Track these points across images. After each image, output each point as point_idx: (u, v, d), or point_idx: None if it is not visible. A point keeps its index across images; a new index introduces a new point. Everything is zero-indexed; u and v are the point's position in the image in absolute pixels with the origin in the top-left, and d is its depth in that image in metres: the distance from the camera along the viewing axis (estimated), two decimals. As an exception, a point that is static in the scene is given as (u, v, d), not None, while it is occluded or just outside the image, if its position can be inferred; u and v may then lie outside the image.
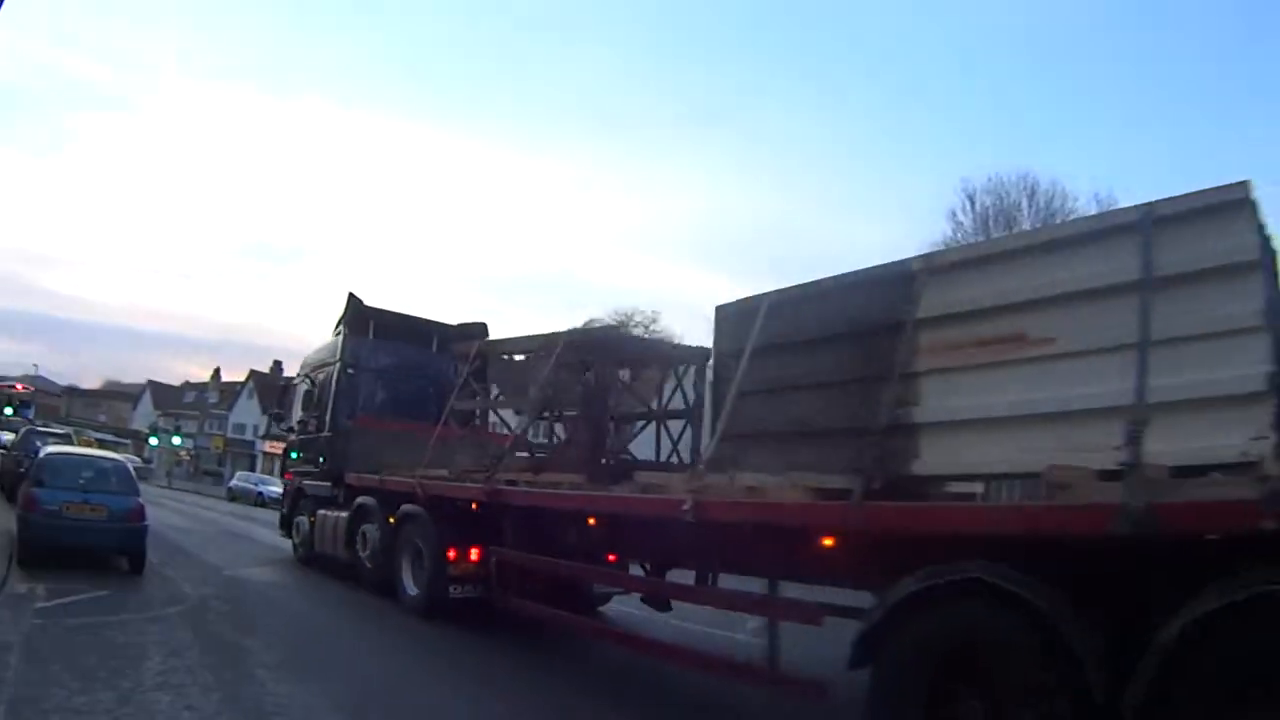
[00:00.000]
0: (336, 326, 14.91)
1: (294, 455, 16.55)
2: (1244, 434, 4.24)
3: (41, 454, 14.07)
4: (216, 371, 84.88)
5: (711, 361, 9.00)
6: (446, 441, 11.47)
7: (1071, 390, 4.96)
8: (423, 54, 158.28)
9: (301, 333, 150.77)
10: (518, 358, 11.62)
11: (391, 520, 11.72)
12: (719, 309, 7.50)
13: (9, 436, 27.29)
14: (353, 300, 14.53)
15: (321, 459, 14.61)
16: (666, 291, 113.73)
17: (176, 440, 62.30)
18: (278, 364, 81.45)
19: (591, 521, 8.68)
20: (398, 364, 14.70)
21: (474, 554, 10.31)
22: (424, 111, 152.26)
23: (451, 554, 10.42)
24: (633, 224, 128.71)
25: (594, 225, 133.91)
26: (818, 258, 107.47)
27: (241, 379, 79.14)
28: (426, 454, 11.28)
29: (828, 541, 6.02)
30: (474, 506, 10.20)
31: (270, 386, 74.74)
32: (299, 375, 16.70)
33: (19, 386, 49.08)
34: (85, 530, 11.99)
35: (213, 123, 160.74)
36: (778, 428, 6.67)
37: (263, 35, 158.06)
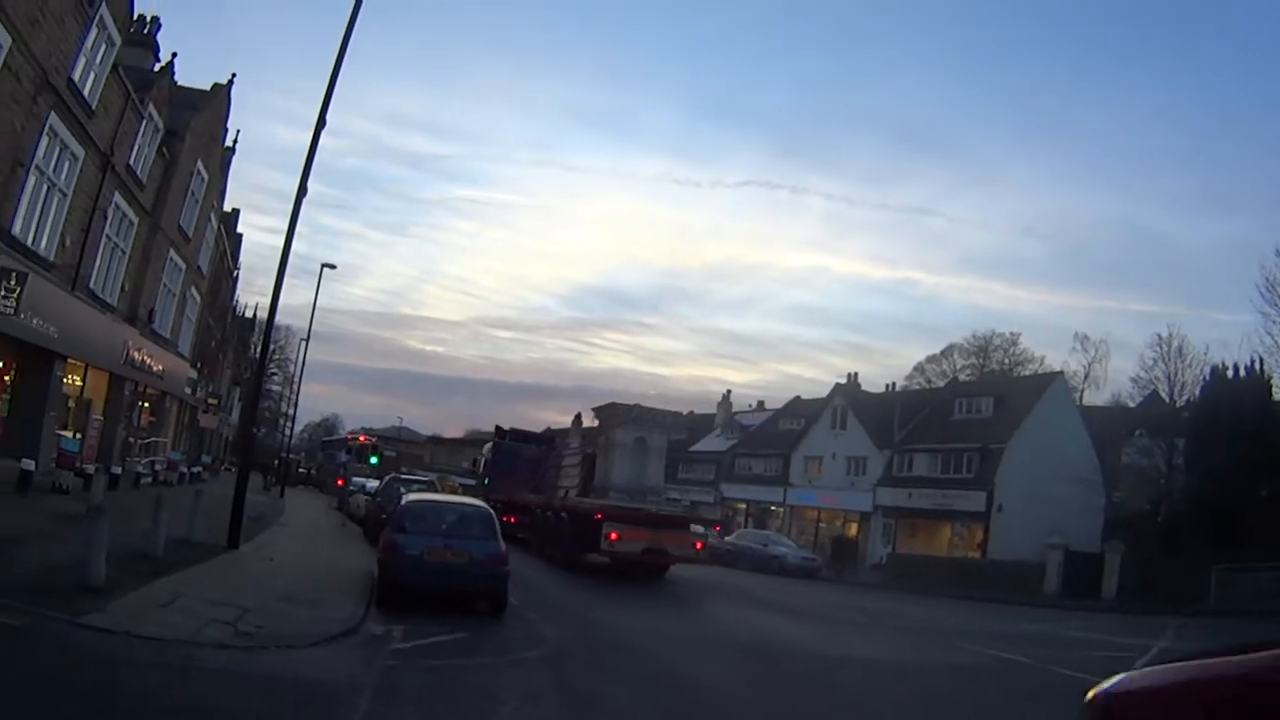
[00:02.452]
0: (495, 435, 35.09)
1: (484, 483, 32.58)
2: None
3: (403, 501, 14.73)
4: (577, 417, 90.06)
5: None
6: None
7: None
8: (741, 95, 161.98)
9: (659, 376, 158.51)
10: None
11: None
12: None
13: (373, 484, 30.09)
14: (498, 428, 35.12)
15: (487, 488, 30.89)
16: (1023, 310, 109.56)
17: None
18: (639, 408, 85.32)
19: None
20: (516, 453, 32.00)
21: (513, 519, 25.71)
22: (754, 162, 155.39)
23: (510, 519, 25.12)
24: (977, 245, 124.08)
25: (940, 252, 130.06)
26: (1166, 255, 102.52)
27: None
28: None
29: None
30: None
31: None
32: (482, 453, 36.48)
33: (363, 439, 55.18)
34: (446, 575, 12.32)
35: (557, 183, 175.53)
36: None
37: (602, 96, 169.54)
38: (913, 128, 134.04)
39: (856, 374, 59.00)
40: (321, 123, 16.08)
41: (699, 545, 22.34)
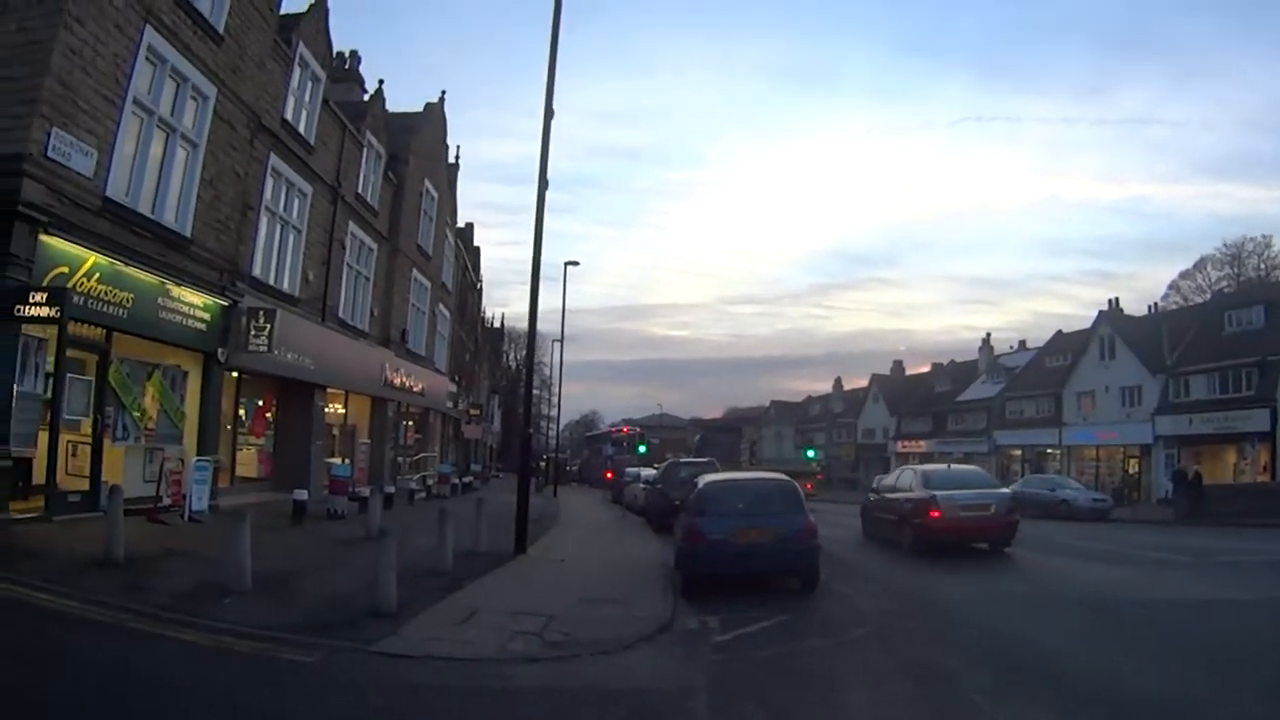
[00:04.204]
0: (699, 428, 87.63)
1: None
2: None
3: (699, 485, 14.08)
4: (838, 381, 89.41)
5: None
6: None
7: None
8: (939, 26, 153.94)
9: (906, 331, 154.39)
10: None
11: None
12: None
13: (648, 472, 29.91)
14: (702, 426, 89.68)
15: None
16: (1263, 210, 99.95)
17: (810, 453, 65.85)
18: (898, 364, 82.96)
19: None
20: (714, 440, 63.43)
21: None
22: (963, 96, 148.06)
23: None
24: (1204, 147, 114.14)
25: (1168, 161, 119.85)
26: None
27: (863, 385, 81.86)
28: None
29: None
30: None
31: (895, 387, 76.16)
32: (694, 440, 74.92)
33: (625, 429, 58.96)
34: (754, 556, 11.73)
35: (770, 152, 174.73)
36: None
37: (802, 54, 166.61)
38: (1119, 29, 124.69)
39: (1117, 299, 54.25)
40: (549, 112, 15.90)
41: (809, 486, 34.81)
